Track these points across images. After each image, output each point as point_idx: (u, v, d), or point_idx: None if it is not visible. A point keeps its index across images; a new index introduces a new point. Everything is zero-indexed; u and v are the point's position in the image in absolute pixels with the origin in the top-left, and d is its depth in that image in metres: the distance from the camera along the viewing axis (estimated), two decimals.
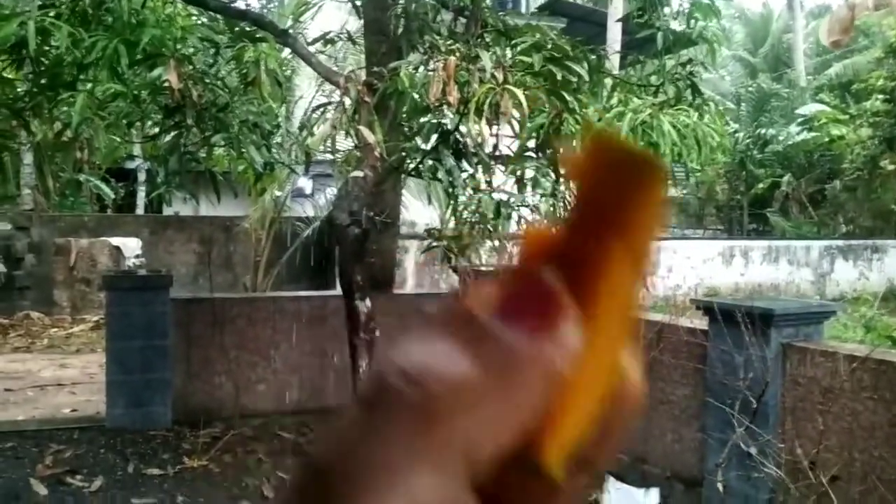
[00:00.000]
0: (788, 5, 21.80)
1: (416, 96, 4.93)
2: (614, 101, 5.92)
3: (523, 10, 16.98)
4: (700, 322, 4.51)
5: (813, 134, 16.71)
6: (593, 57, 6.24)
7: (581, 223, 0.31)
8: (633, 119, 4.89)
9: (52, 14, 5.04)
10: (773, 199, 17.18)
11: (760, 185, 17.17)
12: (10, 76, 5.56)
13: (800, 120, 17.34)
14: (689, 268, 12.92)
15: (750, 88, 19.45)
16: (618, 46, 12.30)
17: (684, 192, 18.76)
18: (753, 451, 3.77)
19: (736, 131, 17.58)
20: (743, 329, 3.92)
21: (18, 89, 5.68)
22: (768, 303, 4.39)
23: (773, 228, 16.99)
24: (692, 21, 6.30)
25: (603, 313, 0.30)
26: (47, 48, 5.03)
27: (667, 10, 6.51)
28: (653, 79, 6.24)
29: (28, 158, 11.48)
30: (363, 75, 5.20)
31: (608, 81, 6.27)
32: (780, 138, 17.28)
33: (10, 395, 7.00)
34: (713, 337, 4.27)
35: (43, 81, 5.31)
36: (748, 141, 17.49)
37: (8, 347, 9.13)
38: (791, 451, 3.82)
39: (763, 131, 17.49)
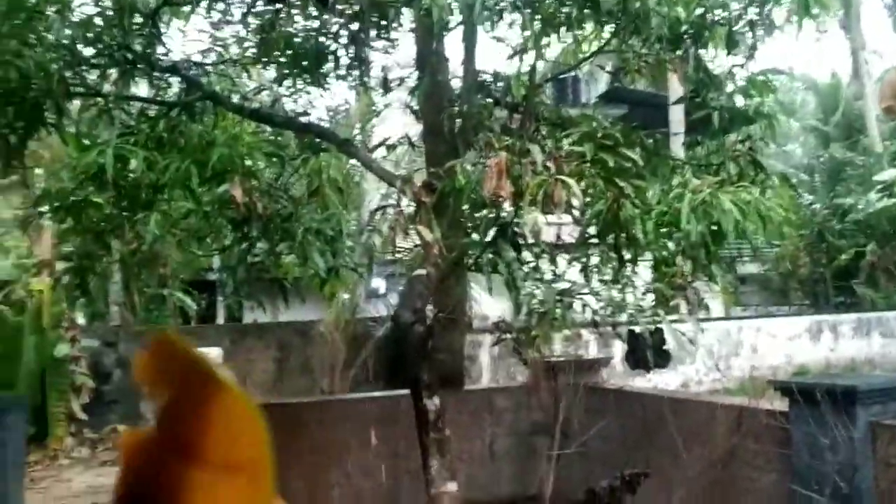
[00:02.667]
0: (855, 73, 21.50)
1: (473, 192, 5.02)
2: (675, 182, 5.89)
3: (584, 101, 17.26)
4: (781, 404, 4.30)
5: (894, 200, 16.12)
6: (650, 141, 6.27)
7: (163, 435, 0.32)
8: (693, 199, 4.83)
9: (130, 141, 5.40)
10: (859, 270, 16.51)
11: (843, 257, 16.55)
12: (96, 200, 5.90)
13: (879, 187, 16.79)
14: (774, 346, 12.42)
15: (822, 158, 19.03)
16: (680, 128, 12.31)
17: (765, 268, 18.24)
18: None
19: (811, 203, 17.13)
20: (825, 409, 3.72)
21: (104, 212, 5.99)
22: (852, 379, 4.17)
23: (860, 300, 16.26)
24: (749, 98, 6.28)
25: None
26: (126, 173, 5.33)
27: (723, 87, 6.52)
28: (713, 158, 6.20)
29: (116, 277, 12.04)
30: (421, 176, 5.33)
31: (669, 163, 6.26)
32: (860, 207, 16.73)
33: None
34: (795, 419, 4.06)
35: (123, 203, 5.64)
36: (826, 212, 16.98)
37: (96, 462, 9.37)
38: None
39: (840, 201, 16.98)
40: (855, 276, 16.68)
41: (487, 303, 10.27)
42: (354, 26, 6.42)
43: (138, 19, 5.76)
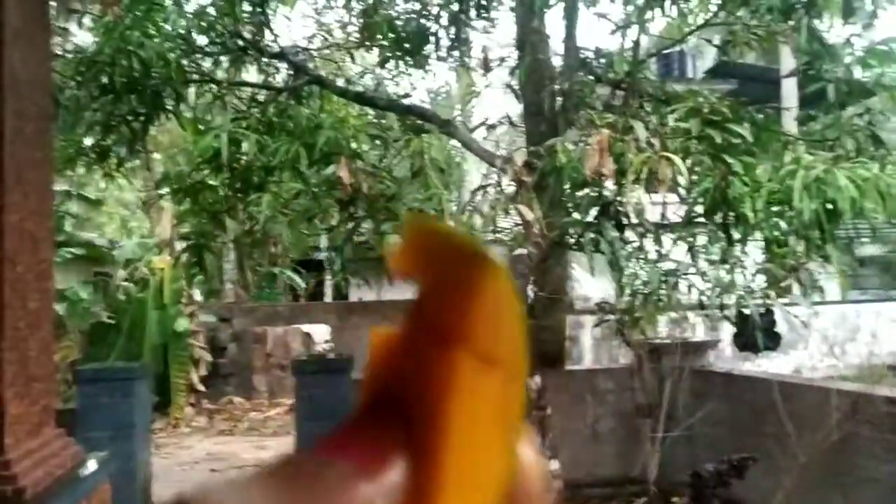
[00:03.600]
0: None
1: (574, 171, 4.99)
2: (787, 158, 5.67)
3: (691, 76, 16.73)
4: None
5: None
6: (760, 116, 6.04)
7: (421, 325, 0.31)
8: (806, 176, 4.64)
9: (243, 125, 5.64)
10: None
11: None
12: (212, 183, 6.18)
13: None
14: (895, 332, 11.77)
15: None
16: (792, 102, 11.78)
17: (886, 249, 17.28)
18: None
19: None
20: None
21: (220, 193, 6.27)
22: None
23: None
24: (868, 69, 5.96)
25: (460, 422, 0.30)
26: (239, 156, 5.57)
27: (839, 58, 6.21)
28: (828, 133, 5.92)
29: (230, 256, 12.61)
30: (521, 155, 5.33)
31: (780, 139, 6.02)
32: None
33: (214, 477, 7.56)
34: None
35: (237, 185, 5.89)
36: None
37: (214, 431, 9.88)
38: None
39: None
40: None
41: (589, 283, 10.18)
42: (455, 7, 6.46)
43: (247, 7, 6.00)
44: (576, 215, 4.79)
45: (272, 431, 9.66)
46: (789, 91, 12.98)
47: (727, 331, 8.52)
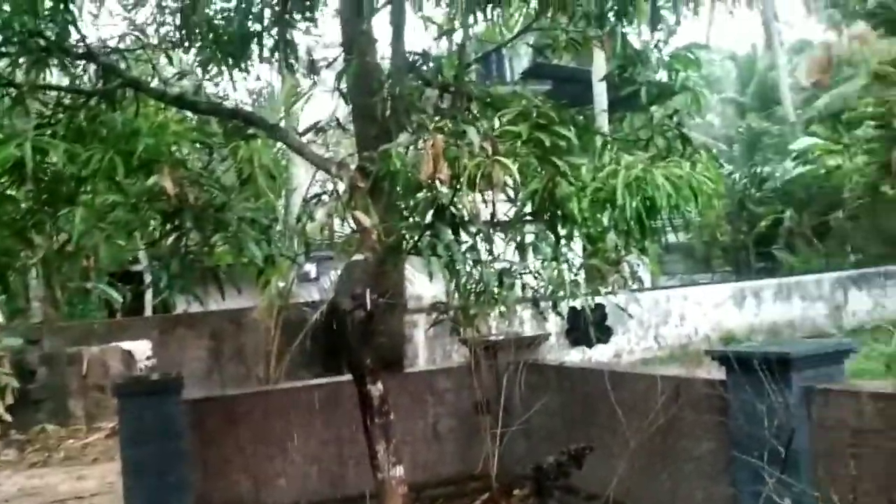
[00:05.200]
0: (767, 44, 22.16)
1: (409, 175, 4.98)
2: (606, 158, 5.96)
3: (508, 77, 17.30)
4: (718, 372, 4.44)
5: (809, 167, 16.80)
6: (580, 117, 6.32)
7: None
8: (627, 175, 4.90)
9: (48, 133, 5.15)
10: (778, 236, 17.18)
11: (763, 224, 17.19)
12: (13, 194, 5.60)
13: (794, 154, 17.46)
14: (701, 314, 12.82)
15: (740, 129, 19.64)
16: (604, 103, 12.49)
17: (688, 236, 18.76)
18: (788, 502, 3.66)
19: (731, 172, 17.67)
20: (762, 376, 3.85)
21: (22, 205, 5.69)
22: (785, 346, 4.33)
23: (781, 265, 16.93)
24: (673, 73, 6.40)
25: None
26: (45, 165, 5.08)
27: (649, 62, 6.60)
28: (641, 133, 6.29)
29: (35, 273, 11.56)
30: (355, 160, 5.26)
31: (598, 139, 6.32)
32: (777, 175, 17.37)
33: None
34: (732, 387, 4.20)
35: (43, 197, 5.38)
36: (745, 181, 17.56)
37: (25, 464, 9.05)
38: (827, 498, 3.71)
39: (758, 169, 17.60)
40: (774, 241, 17.35)
41: (420, 283, 10.27)
42: (277, 7, 6.25)
43: (49, 3, 5.48)
44: (412, 219, 4.79)
45: (92, 459, 8.98)
46: (600, 92, 13.76)
47: (554, 323, 8.88)
